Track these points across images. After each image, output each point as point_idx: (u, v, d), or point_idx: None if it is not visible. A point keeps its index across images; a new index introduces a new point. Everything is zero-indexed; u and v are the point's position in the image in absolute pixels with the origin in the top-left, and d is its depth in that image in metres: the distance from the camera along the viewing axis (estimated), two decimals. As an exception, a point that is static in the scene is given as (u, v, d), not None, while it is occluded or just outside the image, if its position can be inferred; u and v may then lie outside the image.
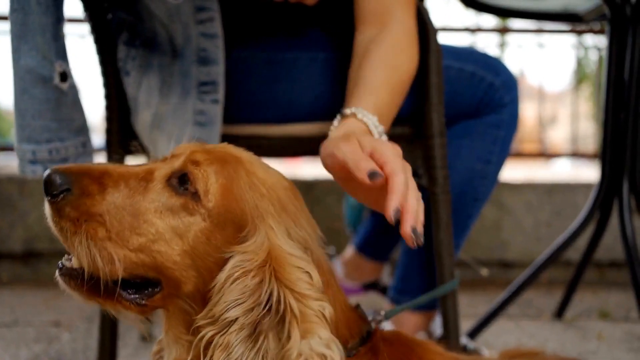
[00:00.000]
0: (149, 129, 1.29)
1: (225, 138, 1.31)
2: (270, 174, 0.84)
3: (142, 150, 1.36)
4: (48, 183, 0.77)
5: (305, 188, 2.63)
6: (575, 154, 3.80)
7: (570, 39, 3.82)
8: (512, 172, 3.14)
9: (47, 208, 0.78)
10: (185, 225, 0.78)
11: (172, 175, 0.80)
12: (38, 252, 2.57)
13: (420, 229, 0.81)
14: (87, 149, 1.26)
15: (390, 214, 0.80)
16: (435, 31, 1.31)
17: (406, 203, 0.81)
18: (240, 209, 0.77)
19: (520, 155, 3.75)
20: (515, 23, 4.01)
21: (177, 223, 0.78)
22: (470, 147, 1.44)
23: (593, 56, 4.38)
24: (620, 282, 2.65)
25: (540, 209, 2.68)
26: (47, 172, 0.78)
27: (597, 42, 3.80)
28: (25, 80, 1.14)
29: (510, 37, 4.15)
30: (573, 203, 2.66)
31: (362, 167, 0.83)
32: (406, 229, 0.80)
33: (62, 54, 1.19)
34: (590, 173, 3.67)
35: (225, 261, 0.77)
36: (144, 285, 0.81)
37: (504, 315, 2.01)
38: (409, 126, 1.40)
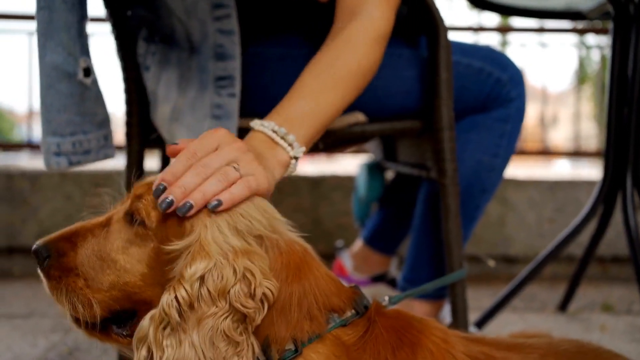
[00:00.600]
0: (168, 122, 1.34)
1: (242, 131, 1.35)
2: None
3: (161, 142, 1.40)
4: (35, 256, 0.88)
5: (312, 185, 2.67)
6: (577, 153, 3.82)
7: (572, 38, 3.87)
8: (515, 170, 3.17)
9: (42, 278, 0.90)
10: (141, 251, 0.86)
11: (125, 214, 0.88)
12: (50, 247, 2.60)
13: (194, 202, 0.81)
14: (108, 142, 1.30)
15: (153, 194, 0.84)
16: (445, 28, 1.35)
17: (177, 180, 0.83)
18: (179, 219, 0.84)
19: (522, 153, 3.77)
20: (518, 22, 4.04)
21: (134, 251, 0.86)
22: (478, 141, 1.48)
23: (595, 56, 4.42)
24: (622, 277, 2.68)
25: (543, 205, 2.72)
26: (33, 248, 0.89)
27: (599, 42, 3.83)
28: (51, 76, 1.18)
29: (512, 36, 4.17)
30: (575, 200, 2.70)
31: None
32: (163, 194, 0.82)
33: (85, 50, 1.23)
34: (591, 172, 3.69)
35: None
36: (130, 318, 0.90)
37: (508, 308, 2.04)
38: (419, 120, 1.44)
